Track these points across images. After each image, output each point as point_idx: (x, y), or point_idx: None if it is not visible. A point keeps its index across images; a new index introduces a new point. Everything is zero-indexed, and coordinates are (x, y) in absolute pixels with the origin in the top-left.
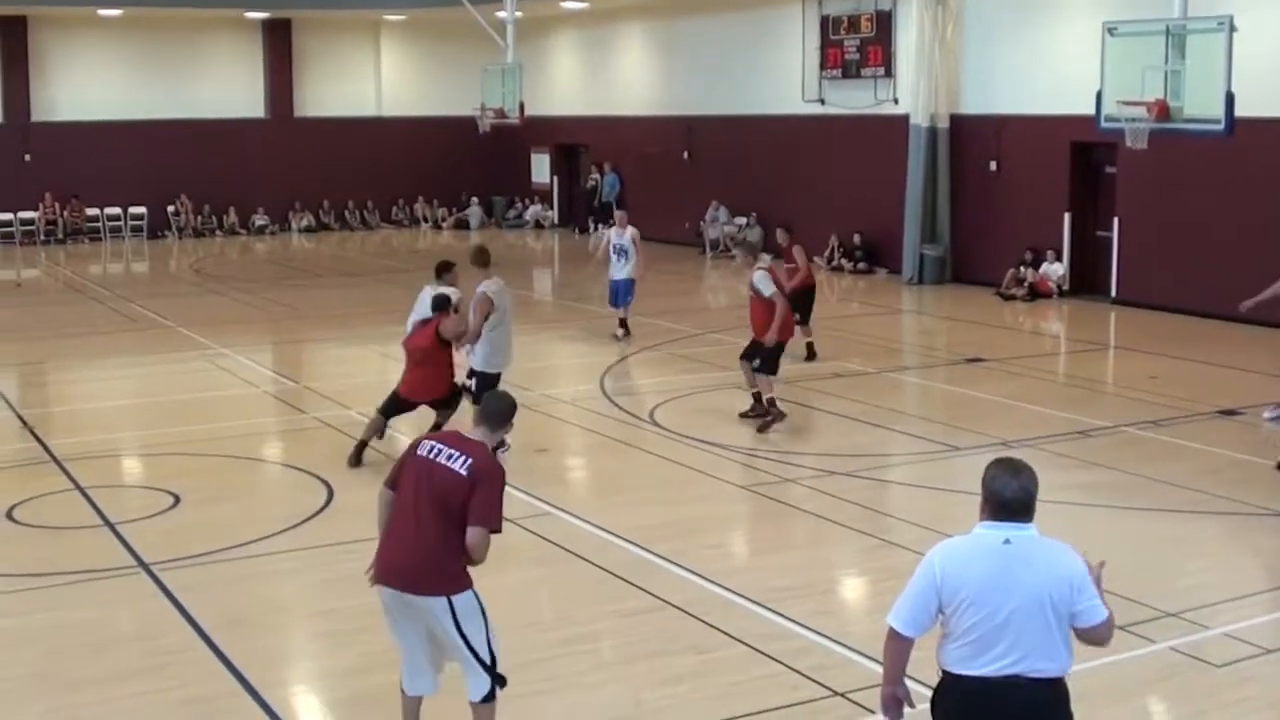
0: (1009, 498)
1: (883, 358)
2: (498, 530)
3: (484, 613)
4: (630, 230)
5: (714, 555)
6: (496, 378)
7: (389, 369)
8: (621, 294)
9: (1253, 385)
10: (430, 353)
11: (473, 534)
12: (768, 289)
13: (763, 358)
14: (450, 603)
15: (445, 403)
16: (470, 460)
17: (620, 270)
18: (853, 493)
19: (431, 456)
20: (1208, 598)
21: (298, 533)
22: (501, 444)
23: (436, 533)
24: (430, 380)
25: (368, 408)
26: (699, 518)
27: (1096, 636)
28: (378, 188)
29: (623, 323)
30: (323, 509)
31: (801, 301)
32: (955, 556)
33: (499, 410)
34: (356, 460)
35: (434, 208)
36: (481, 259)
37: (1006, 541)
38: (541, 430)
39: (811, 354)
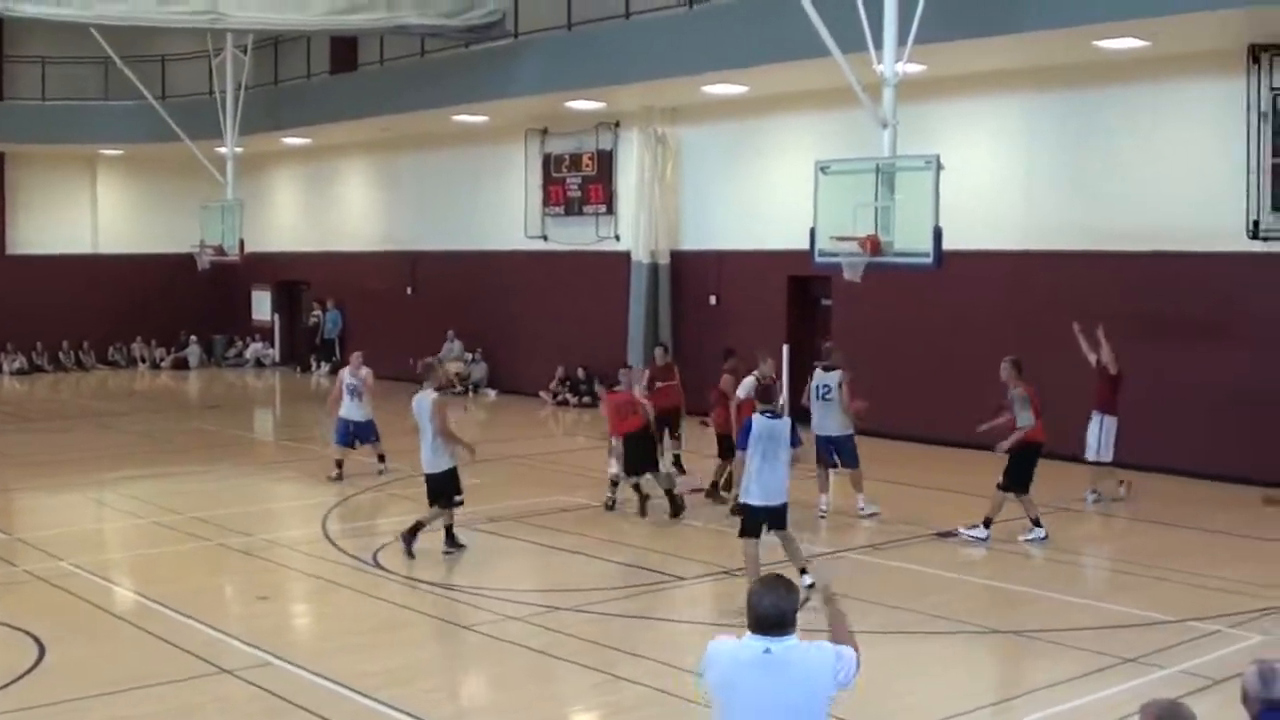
0: (761, 614)
1: (604, 490)
2: None
3: None
4: (365, 370)
5: (437, 699)
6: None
7: (104, 516)
8: (364, 433)
9: (965, 506)
10: None
11: None
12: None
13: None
14: None
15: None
16: None
17: (356, 411)
18: (577, 628)
19: None
20: (926, 717)
21: (4, 695)
22: None
23: None
24: None
25: (81, 558)
26: (421, 661)
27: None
28: (93, 327)
29: (381, 457)
30: (33, 668)
31: (673, 418)
32: (722, 652)
33: None
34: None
35: (152, 348)
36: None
37: (767, 651)
38: (262, 576)
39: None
